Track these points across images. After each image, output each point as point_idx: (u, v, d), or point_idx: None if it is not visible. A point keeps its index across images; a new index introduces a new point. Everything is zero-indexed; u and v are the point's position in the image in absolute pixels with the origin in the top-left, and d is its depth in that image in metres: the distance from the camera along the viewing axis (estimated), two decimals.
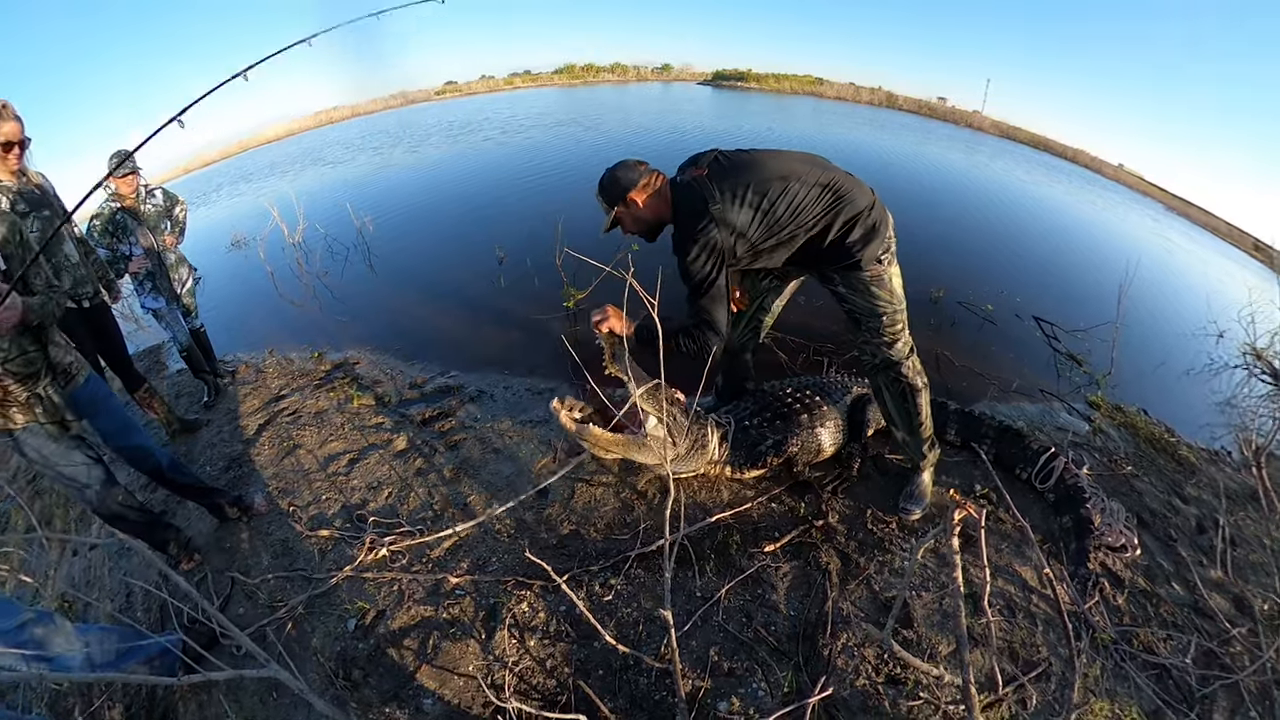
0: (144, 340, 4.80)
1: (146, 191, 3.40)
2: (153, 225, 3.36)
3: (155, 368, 4.38)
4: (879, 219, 2.08)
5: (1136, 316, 5.46)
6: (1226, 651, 2.14)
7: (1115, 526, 2.53)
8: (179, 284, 3.54)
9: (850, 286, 2.18)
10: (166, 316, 3.50)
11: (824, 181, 2.03)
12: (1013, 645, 2.04)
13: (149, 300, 3.47)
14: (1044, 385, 3.99)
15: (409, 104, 30.97)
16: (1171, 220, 17.61)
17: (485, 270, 5.40)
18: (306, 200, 8.02)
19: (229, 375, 3.89)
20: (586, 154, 10.92)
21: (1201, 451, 3.71)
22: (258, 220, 7.15)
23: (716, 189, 2.01)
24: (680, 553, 2.22)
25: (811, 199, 2.02)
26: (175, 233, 3.54)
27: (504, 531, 2.44)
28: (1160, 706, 1.90)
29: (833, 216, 2.04)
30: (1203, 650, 2.14)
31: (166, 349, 4.49)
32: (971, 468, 2.79)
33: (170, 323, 3.52)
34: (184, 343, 3.57)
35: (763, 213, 2.01)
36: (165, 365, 4.38)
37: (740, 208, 2.00)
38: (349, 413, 3.35)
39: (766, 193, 2.00)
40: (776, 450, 2.55)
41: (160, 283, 3.43)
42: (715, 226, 1.99)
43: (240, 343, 4.42)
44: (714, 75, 36.99)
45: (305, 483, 2.80)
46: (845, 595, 2.12)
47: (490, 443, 3.03)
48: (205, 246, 7.07)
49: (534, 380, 3.61)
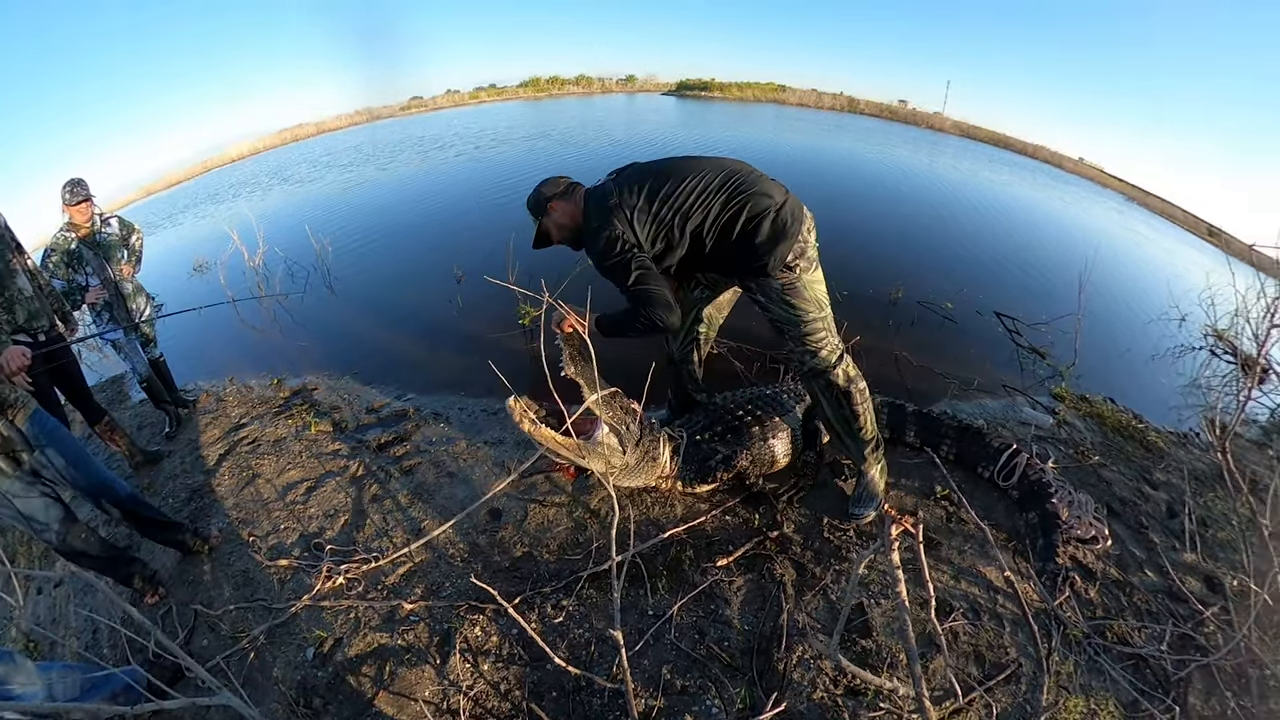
0: (106, 370, 4.70)
1: (101, 220, 3.32)
2: (109, 254, 3.28)
3: (117, 399, 4.28)
4: (790, 219, 2.06)
5: (1099, 306, 5.49)
6: (1200, 634, 2.12)
7: (1084, 518, 2.50)
8: (137, 314, 3.46)
9: (766, 295, 2.19)
10: (125, 347, 3.43)
11: (726, 174, 2.10)
12: (978, 649, 1.98)
13: (107, 331, 3.40)
14: (1007, 380, 3.98)
15: (374, 120, 30.90)
16: (1132, 210, 18.07)
17: (444, 290, 5.38)
18: (268, 222, 7.94)
19: (190, 405, 3.81)
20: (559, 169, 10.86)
21: (1169, 435, 3.71)
22: (219, 244, 7.02)
23: (615, 188, 2.14)
24: (632, 570, 2.17)
25: (712, 188, 2.08)
26: (132, 262, 3.47)
27: (457, 556, 2.39)
28: (1137, 697, 1.85)
29: (737, 209, 2.06)
30: (1177, 635, 2.11)
31: (127, 379, 4.39)
32: (932, 469, 2.75)
33: (129, 353, 3.44)
34: (143, 373, 3.50)
35: (660, 200, 2.09)
36: (127, 396, 4.29)
37: (637, 198, 2.10)
38: (307, 440, 3.30)
39: (663, 186, 2.10)
40: (727, 465, 2.50)
41: (118, 313, 3.36)
42: (615, 219, 2.09)
43: (201, 371, 4.35)
44: (678, 85, 37.32)
45: (265, 512, 2.78)
46: (801, 607, 2.07)
47: (445, 466, 2.98)
48: (167, 272, 6.97)
49: (490, 400, 3.57)
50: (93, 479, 2.26)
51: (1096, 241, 9.34)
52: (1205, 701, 1.90)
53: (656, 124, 19.73)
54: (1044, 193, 14.78)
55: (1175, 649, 2.04)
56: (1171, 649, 2.03)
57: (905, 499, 2.65)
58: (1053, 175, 20.64)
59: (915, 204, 9.21)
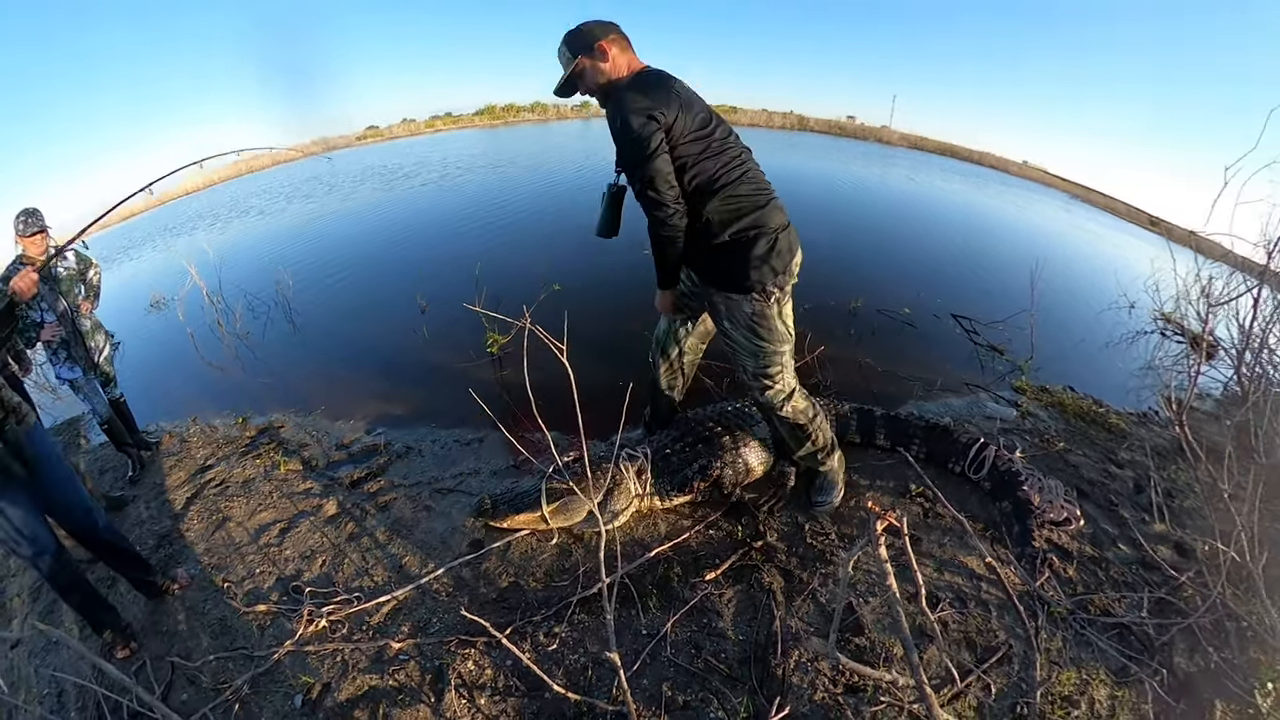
0: (61, 412, 4.51)
1: (59, 253, 3.16)
2: (65, 289, 3.17)
3: (74, 442, 4.12)
4: (786, 247, 2.09)
5: (1052, 301, 5.74)
6: (1178, 597, 2.24)
7: (1055, 502, 2.61)
8: (96, 352, 3.34)
9: (733, 319, 2.20)
10: (84, 388, 3.31)
11: (758, 171, 2.11)
12: (969, 635, 2.06)
13: (64, 370, 3.26)
14: (969, 379, 4.13)
15: (330, 150, 30.42)
16: (1077, 207, 19.00)
17: (409, 320, 5.34)
18: (227, 256, 7.77)
19: (153, 446, 3.70)
20: (530, 195, 10.93)
21: (1130, 416, 3.89)
22: (178, 277, 6.86)
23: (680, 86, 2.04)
24: (622, 592, 2.19)
25: (747, 165, 2.09)
26: (90, 297, 3.34)
27: (442, 590, 2.36)
28: (1125, 663, 1.96)
29: (749, 207, 2.05)
30: (1156, 601, 2.23)
31: (86, 421, 4.23)
32: (905, 469, 2.84)
33: (88, 394, 3.33)
34: (104, 415, 3.38)
35: (708, 133, 2.02)
36: (86, 439, 4.14)
37: (694, 110, 2.00)
38: (277, 480, 3.25)
39: (717, 129, 2.05)
40: (703, 474, 2.57)
41: (75, 351, 3.23)
42: (671, 101, 1.95)
43: (162, 410, 4.22)
44: None
45: (238, 556, 2.72)
46: (792, 612, 2.12)
47: (421, 500, 2.96)
48: (124, 307, 6.75)
49: (462, 431, 3.56)
50: (80, 503, 2.20)
51: (1046, 240, 9.79)
52: (1189, 659, 2.03)
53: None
54: (994, 198, 15.44)
55: (1156, 614, 2.17)
56: (1152, 614, 2.16)
57: (882, 499, 2.72)
58: (1001, 180, 21.69)
59: (870, 215, 9.60)
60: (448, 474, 3.14)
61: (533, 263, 6.33)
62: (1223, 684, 1.93)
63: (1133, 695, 1.88)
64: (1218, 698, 1.90)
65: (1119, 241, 12.83)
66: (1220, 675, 1.95)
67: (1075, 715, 1.82)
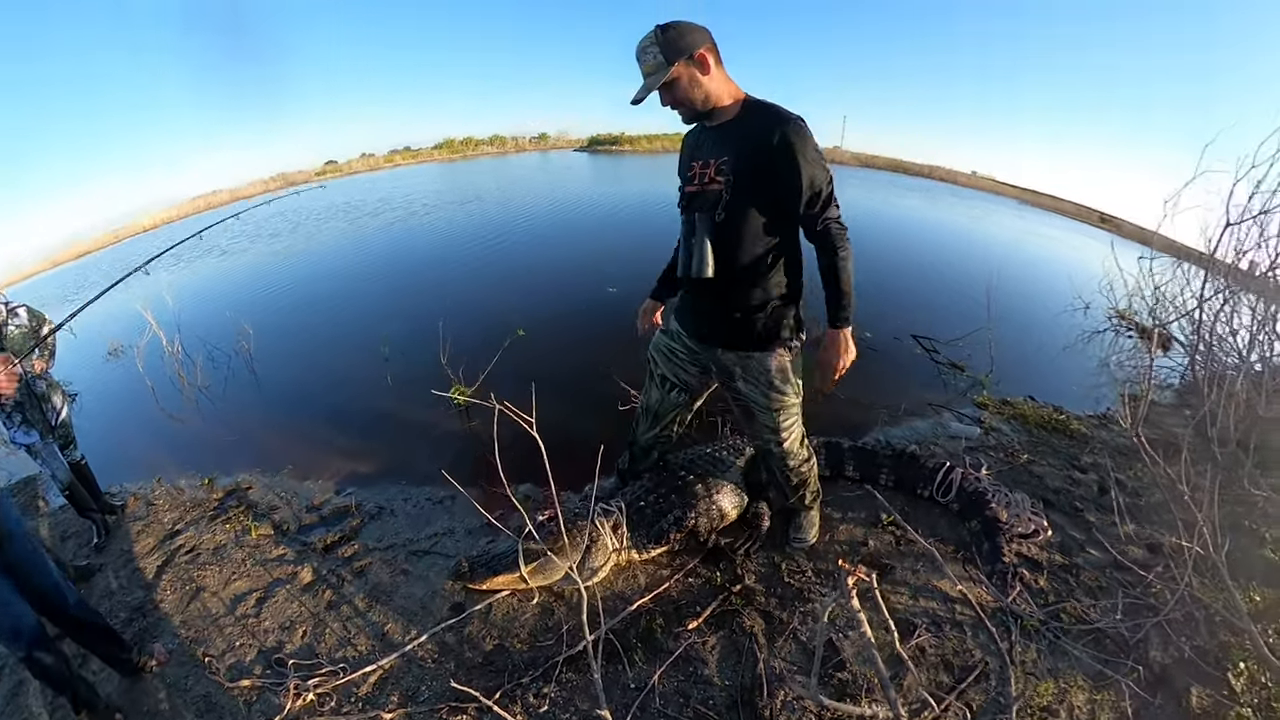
0: (15, 468, 4.38)
1: (8, 310, 3.08)
2: (18, 349, 3.02)
3: (29, 506, 3.98)
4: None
5: (1009, 309, 6.03)
6: (1149, 595, 2.40)
7: (1023, 515, 2.75)
8: (53, 414, 3.23)
9: (751, 379, 2.21)
10: (42, 453, 3.17)
11: None
12: (945, 657, 2.17)
13: (19, 435, 3.12)
14: (932, 399, 4.32)
15: (290, 186, 30.69)
16: (1028, 212, 19.88)
17: (372, 370, 5.36)
18: (189, 299, 7.75)
19: (117, 510, 3.61)
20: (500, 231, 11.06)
21: (1090, 419, 4.10)
22: (135, 322, 6.69)
23: None
24: (607, 647, 2.23)
25: None
26: (45, 356, 3.21)
27: (428, 657, 2.39)
28: (1101, 668, 2.09)
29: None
30: (1129, 602, 2.37)
31: (43, 483, 4.14)
32: (875, 499, 2.97)
33: (47, 459, 3.19)
34: (65, 480, 3.26)
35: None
36: (45, 501, 4.01)
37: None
38: (249, 546, 3.22)
39: None
40: (678, 524, 2.64)
41: (31, 414, 3.10)
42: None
43: (124, 471, 4.12)
44: (590, 141, 39.26)
45: (216, 629, 2.69)
46: (774, 653, 2.20)
47: (398, 564, 2.97)
48: (80, 358, 6.64)
49: (434, 488, 3.57)
50: (49, 580, 2.14)
51: (1001, 249, 10.19)
52: (1164, 653, 2.18)
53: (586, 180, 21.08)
54: (947, 210, 16.04)
55: (1129, 614, 2.30)
56: (1125, 615, 2.29)
57: (854, 530, 2.85)
58: (951, 191, 22.63)
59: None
60: (422, 535, 3.15)
61: (495, 304, 6.46)
62: (1197, 672, 2.09)
63: (1111, 696, 2.01)
64: (1193, 685, 2.06)
65: (1072, 243, 13.46)
66: (1193, 664, 2.11)
67: None
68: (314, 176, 33.36)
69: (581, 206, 14.14)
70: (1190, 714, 1.99)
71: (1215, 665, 2.11)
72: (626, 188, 18.59)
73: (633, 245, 9.39)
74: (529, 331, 5.31)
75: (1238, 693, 2.02)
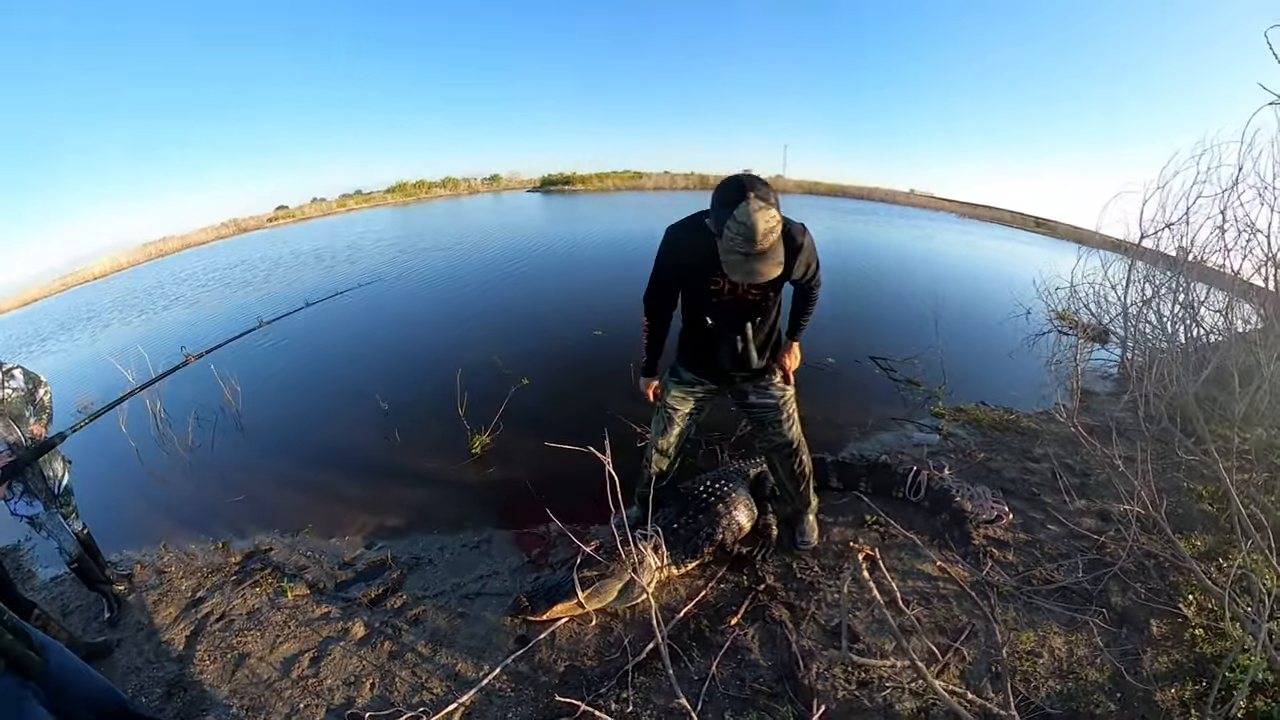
0: None
1: (4, 373, 3.00)
2: (15, 414, 2.96)
3: (20, 577, 3.85)
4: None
5: (955, 325, 6.91)
6: (1104, 554, 3.08)
7: (985, 504, 3.43)
8: (55, 482, 3.13)
9: (761, 390, 2.84)
10: (47, 524, 3.08)
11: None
12: (939, 624, 2.79)
13: (21, 506, 3.02)
14: (894, 414, 5.07)
15: (242, 232, 30.92)
16: (966, 224, 21.48)
17: (374, 424, 5.49)
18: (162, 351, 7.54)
19: (124, 580, 3.59)
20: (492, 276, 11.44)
21: (1038, 415, 4.85)
22: (104, 376, 6.66)
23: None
24: (668, 650, 2.64)
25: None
26: (44, 420, 3.12)
27: (505, 688, 2.68)
28: (1072, 615, 2.73)
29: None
30: (1087, 560, 3.06)
31: (28, 552, 4.10)
32: (859, 503, 3.66)
33: (52, 530, 3.10)
34: (73, 552, 3.17)
35: None
36: (33, 574, 3.92)
37: None
38: (287, 607, 3.29)
39: None
40: (709, 539, 3.21)
41: (33, 483, 3.01)
42: None
43: (125, 538, 4.10)
44: (542, 181, 40.84)
45: (273, 694, 2.74)
46: (802, 634, 2.78)
47: (452, 609, 3.18)
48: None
49: (466, 534, 3.84)
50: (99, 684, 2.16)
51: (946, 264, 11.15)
52: (1123, 597, 2.84)
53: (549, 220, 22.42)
54: (893, 231, 17.24)
55: (1089, 571, 2.99)
56: (1086, 572, 2.98)
57: (846, 531, 3.47)
58: (891, 211, 24.23)
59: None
60: (468, 579, 3.37)
61: (481, 350, 6.81)
62: (1153, 608, 2.75)
63: (1083, 636, 2.63)
64: (1151, 618, 2.71)
65: (1011, 250, 14.75)
66: (1149, 603, 2.78)
67: (1040, 662, 2.55)
68: (267, 222, 33.45)
69: (553, 246, 14.90)
70: (1152, 639, 2.62)
71: (1168, 601, 2.77)
72: (589, 225, 19.71)
73: (607, 283, 10.03)
74: (529, 378, 5.76)
75: (1189, 618, 2.68)
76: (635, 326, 2.92)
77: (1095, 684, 2.44)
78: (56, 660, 2.01)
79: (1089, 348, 5.95)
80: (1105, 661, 2.50)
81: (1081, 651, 2.59)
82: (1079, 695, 2.39)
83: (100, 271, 23.69)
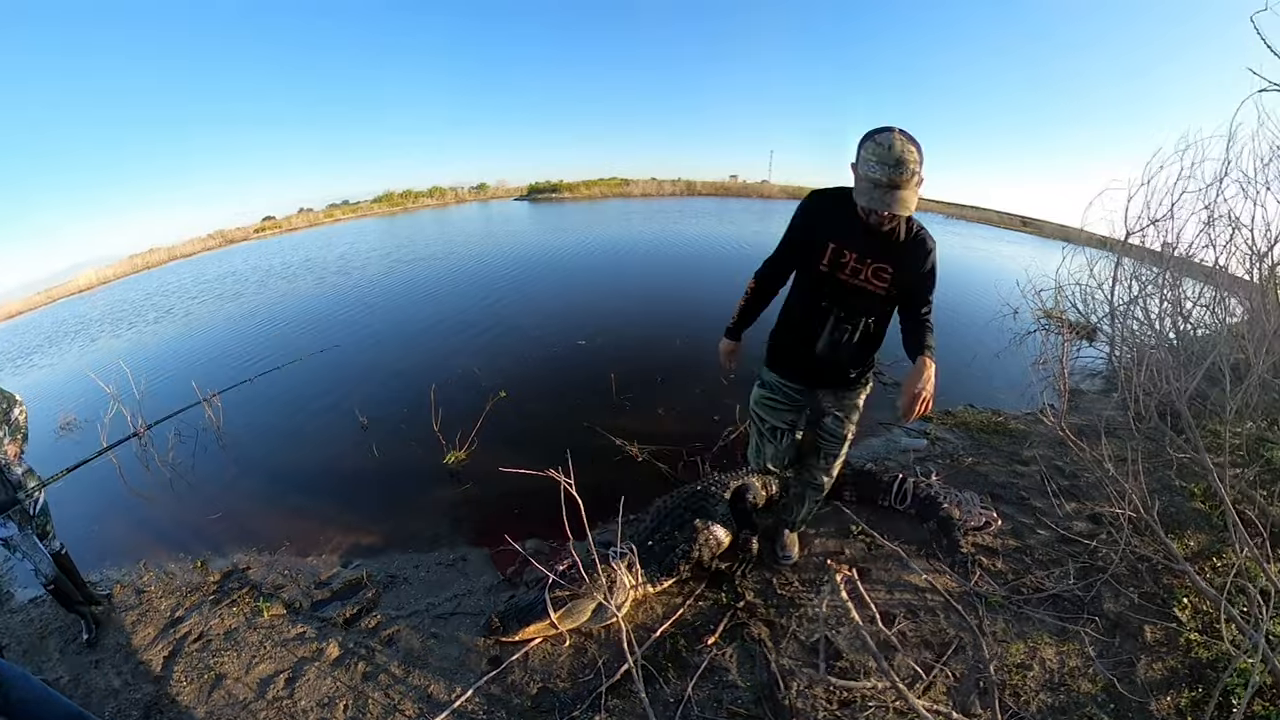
0: None
1: None
2: None
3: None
4: None
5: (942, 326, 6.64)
6: (1096, 559, 3.00)
7: (974, 511, 3.34)
8: (30, 502, 3.12)
9: (842, 412, 2.69)
10: (21, 545, 3.06)
11: None
12: (925, 638, 2.69)
13: None
14: (881, 419, 4.98)
15: (230, 244, 30.65)
16: (955, 225, 21.52)
17: (353, 439, 5.49)
18: (142, 367, 7.68)
19: (104, 600, 3.54)
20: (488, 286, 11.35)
21: (1026, 417, 4.78)
22: (87, 393, 6.64)
23: None
24: (643, 671, 2.60)
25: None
26: (18, 440, 3.12)
27: (478, 710, 2.63)
28: (1064, 625, 2.65)
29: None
30: (1079, 566, 2.97)
31: (6, 574, 4.03)
32: (843, 513, 3.54)
33: (27, 551, 3.07)
34: (49, 574, 3.14)
35: None
36: (11, 595, 3.87)
37: None
38: (263, 627, 3.28)
39: None
40: (685, 556, 3.10)
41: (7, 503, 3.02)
42: None
43: (105, 557, 4.06)
44: (529, 189, 40.80)
45: (249, 715, 2.73)
46: (781, 653, 2.68)
47: (425, 628, 3.15)
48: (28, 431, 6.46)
49: (441, 552, 3.83)
50: (68, 710, 2.11)
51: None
52: (1116, 603, 2.76)
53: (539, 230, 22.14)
54: None
55: (1080, 577, 2.90)
56: (1077, 579, 2.89)
57: (829, 543, 3.36)
58: None
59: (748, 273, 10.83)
60: (442, 598, 3.35)
61: (462, 362, 6.79)
62: (1147, 612, 2.67)
63: (1075, 646, 2.55)
64: (1145, 624, 2.63)
65: (998, 250, 14.74)
66: (1143, 608, 2.70)
67: (1030, 674, 2.46)
68: (253, 234, 33.15)
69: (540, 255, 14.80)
70: (1146, 646, 2.55)
71: (1162, 605, 2.71)
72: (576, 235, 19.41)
73: (595, 293, 9.95)
74: (507, 391, 5.64)
75: (1184, 622, 2.61)
76: (619, 333, 2.89)
77: (1088, 695, 2.36)
78: (18, 694, 1.98)
79: (1077, 346, 5.90)
80: (1098, 672, 2.43)
81: (1073, 662, 2.50)
82: (1071, 708, 2.30)
83: (86, 284, 23.44)
